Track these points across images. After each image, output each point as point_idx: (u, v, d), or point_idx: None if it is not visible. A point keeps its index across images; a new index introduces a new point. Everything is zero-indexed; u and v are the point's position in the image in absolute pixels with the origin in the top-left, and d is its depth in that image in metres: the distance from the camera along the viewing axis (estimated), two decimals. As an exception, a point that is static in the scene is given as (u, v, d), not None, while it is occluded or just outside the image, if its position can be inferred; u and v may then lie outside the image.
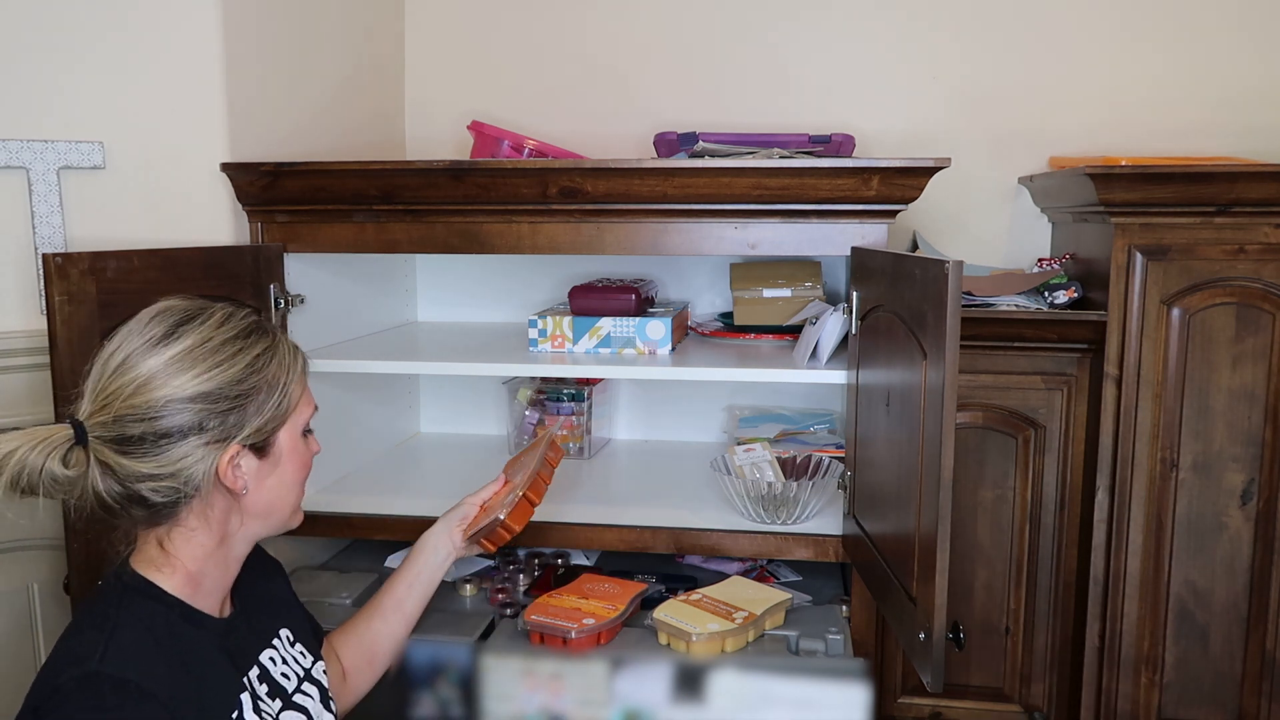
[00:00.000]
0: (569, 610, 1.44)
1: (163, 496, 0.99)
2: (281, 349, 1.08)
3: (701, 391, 2.18)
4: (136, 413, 0.97)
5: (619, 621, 1.44)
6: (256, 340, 1.05)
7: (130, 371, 0.98)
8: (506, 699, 1.09)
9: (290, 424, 1.08)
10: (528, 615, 1.44)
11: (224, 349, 1.01)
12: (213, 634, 1.03)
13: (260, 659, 1.10)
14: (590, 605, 1.46)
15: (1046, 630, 1.88)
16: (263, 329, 1.08)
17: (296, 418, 1.09)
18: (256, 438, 1.04)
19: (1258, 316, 1.68)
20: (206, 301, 1.07)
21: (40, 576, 1.54)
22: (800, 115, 2.15)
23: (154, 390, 0.97)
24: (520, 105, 2.23)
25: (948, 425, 1.13)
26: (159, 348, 0.99)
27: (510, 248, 1.63)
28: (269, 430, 1.05)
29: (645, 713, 0.99)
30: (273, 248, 1.64)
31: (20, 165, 1.53)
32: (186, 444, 0.98)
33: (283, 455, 1.08)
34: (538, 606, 1.46)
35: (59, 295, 1.24)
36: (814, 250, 1.57)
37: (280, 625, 1.17)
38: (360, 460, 1.99)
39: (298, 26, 1.82)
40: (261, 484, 1.06)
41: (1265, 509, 1.72)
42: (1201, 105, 2.05)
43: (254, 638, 1.11)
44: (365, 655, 1.33)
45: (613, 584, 1.54)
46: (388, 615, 1.35)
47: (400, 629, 1.34)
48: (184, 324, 1.02)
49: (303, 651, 1.18)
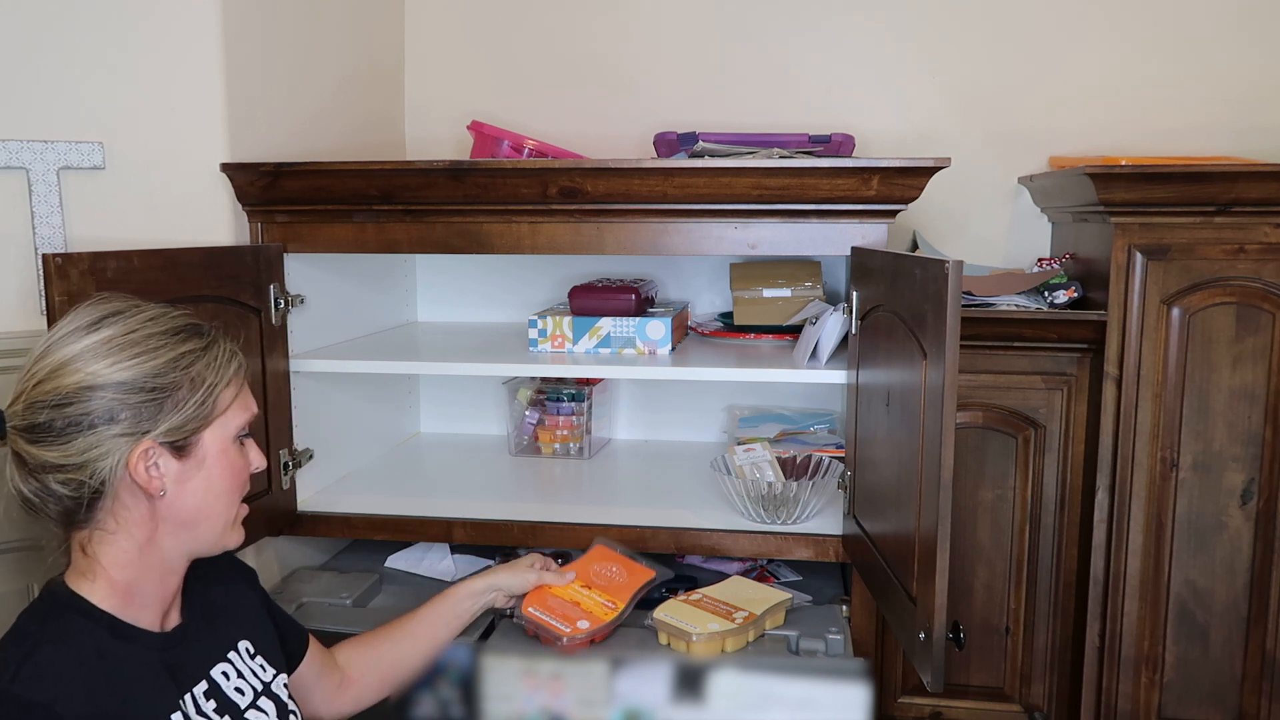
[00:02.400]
0: (568, 605, 1.43)
1: (70, 490, 0.95)
2: (215, 351, 1.03)
3: (701, 391, 2.18)
4: (47, 398, 0.94)
5: (614, 625, 1.43)
6: (186, 338, 1.01)
7: (48, 357, 0.96)
8: (506, 699, 1.09)
9: (217, 427, 1.02)
10: (525, 606, 1.42)
11: (147, 341, 0.98)
12: (147, 649, 0.99)
13: (211, 673, 1.06)
14: (590, 600, 1.44)
15: (1046, 630, 1.88)
16: (198, 330, 1.04)
17: (225, 421, 1.03)
18: (174, 436, 0.99)
19: (1258, 316, 1.68)
20: (144, 302, 1.03)
21: (40, 576, 1.54)
22: (800, 115, 2.15)
23: (67, 375, 0.95)
24: (520, 105, 2.23)
25: (948, 425, 1.13)
26: (80, 335, 0.97)
27: (510, 248, 1.63)
28: (189, 430, 1.00)
29: (645, 713, 0.99)
30: (273, 248, 1.64)
31: (20, 165, 1.53)
32: (95, 434, 0.95)
33: (207, 459, 1.02)
34: (536, 597, 1.44)
35: (59, 295, 1.23)
36: (814, 250, 1.57)
37: (240, 637, 1.13)
38: (360, 460, 1.99)
39: (298, 27, 1.82)
40: (183, 488, 1.00)
41: (1265, 509, 1.72)
42: (1201, 105, 2.05)
43: (205, 651, 1.07)
44: (380, 674, 1.31)
45: (620, 568, 1.51)
46: (418, 642, 1.34)
47: (425, 659, 1.31)
48: (111, 316, 0.99)
49: (264, 664, 1.14)
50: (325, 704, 1.28)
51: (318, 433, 1.79)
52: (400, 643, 1.34)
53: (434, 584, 1.76)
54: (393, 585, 1.76)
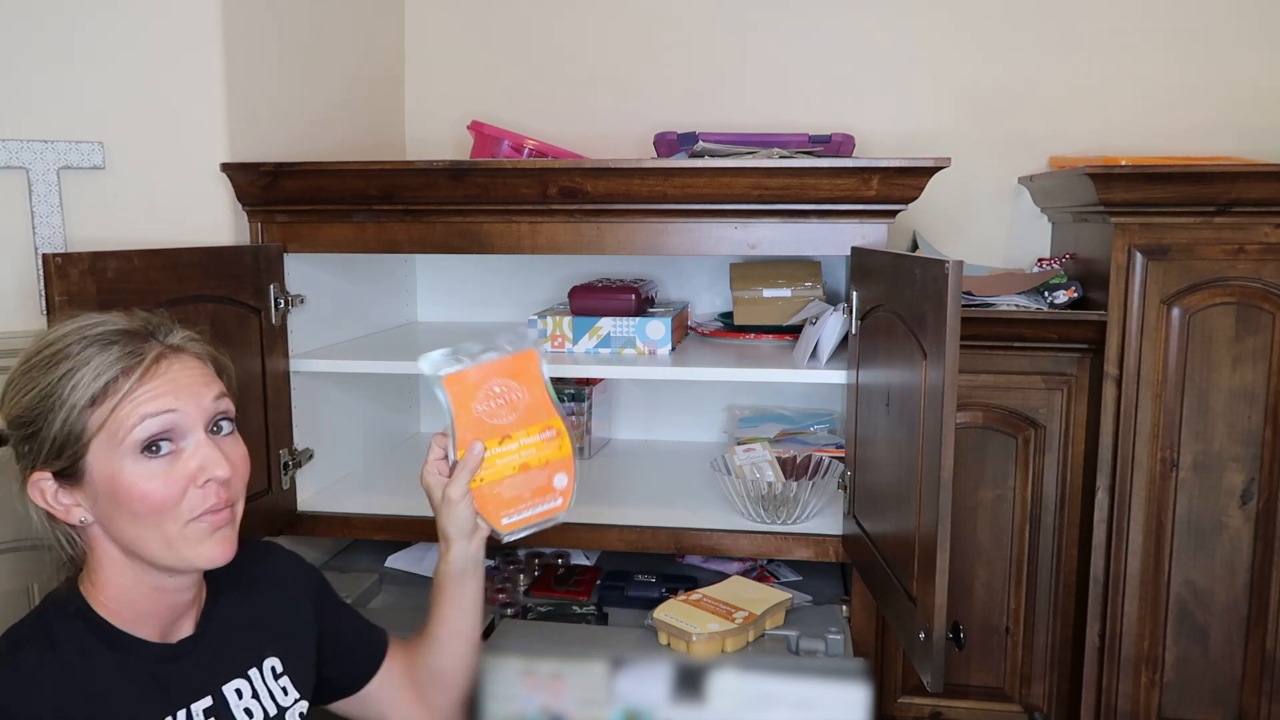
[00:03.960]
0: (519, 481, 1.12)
1: (35, 514, 0.98)
2: (89, 368, 0.93)
3: (701, 391, 2.18)
4: None
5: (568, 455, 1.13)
6: (60, 362, 0.94)
7: None
8: (506, 699, 1.09)
9: (98, 449, 0.93)
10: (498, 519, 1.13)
11: (27, 375, 0.96)
12: (139, 659, 0.97)
13: (224, 689, 1.02)
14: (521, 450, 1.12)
15: (1046, 630, 1.88)
16: (84, 345, 0.94)
17: (107, 440, 0.93)
18: (57, 465, 0.94)
19: (1258, 316, 1.68)
20: (72, 314, 1.00)
21: (40, 576, 1.54)
22: (800, 115, 2.15)
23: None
24: (520, 105, 2.23)
25: (948, 425, 1.13)
26: None
27: (510, 248, 1.63)
28: (69, 456, 0.93)
29: (645, 713, 0.99)
30: (273, 248, 1.64)
31: (20, 165, 1.53)
32: (18, 467, 0.97)
33: (99, 482, 0.93)
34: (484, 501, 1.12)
35: (59, 295, 1.23)
36: (814, 250, 1.57)
37: (268, 654, 1.08)
38: (360, 460, 1.99)
39: (298, 27, 1.82)
40: (102, 513, 0.95)
41: (1265, 509, 1.72)
42: (1201, 106, 2.05)
43: (218, 665, 1.03)
44: (437, 685, 1.20)
45: (505, 384, 1.12)
46: (451, 645, 1.20)
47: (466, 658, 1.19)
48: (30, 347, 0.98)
49: (287, 687, 1.08)
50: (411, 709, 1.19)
51: (318, 433, 1.79)
52: (433, 649, 1.21)
53: (434, 584, 1.76)
54: (393, 585, 1.76)
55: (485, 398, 1.10)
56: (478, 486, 1.11)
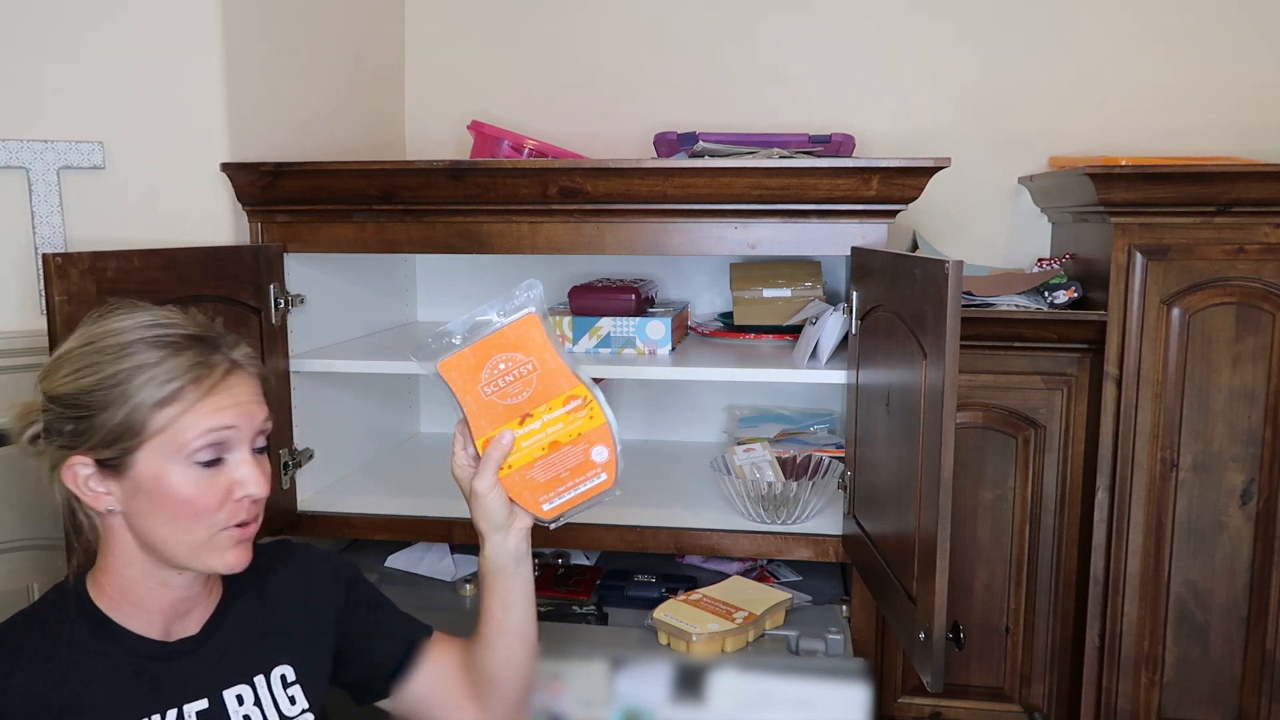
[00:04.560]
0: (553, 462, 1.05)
1: (60, 495, 0.98)
2: (166, 366, 0.94)
3: (701, 391, 2.18)
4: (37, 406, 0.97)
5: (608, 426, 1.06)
6: (137, 352, 0.94)
7: None
8: (507, 699, 1.08)
9: (154, 449, 0.93)
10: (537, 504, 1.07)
11: (92, 355, 0.95)
12: (130, 653, 0.97)
13: (224, 693, 1.01)
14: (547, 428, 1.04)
15: (1046, 630, 1.88)
16: (160, 343, 0.95)
17: (165, 442, 0.93)
18: (104, 454, 0.94)
19: (1258, 316, 1.68)
20: (134, 308, 0.99)
21: (40, 576, 1.54)
22: (800, 115, 2.15)
23: (41, 383, 0.97)
24: (520, 105, 2.23)
25: (948, 425, 1.13)
26: (61, 345, 0.98)
27: (510, 248, 1.63)
28: (121, 449, 0.93)
29: (645, 713, 0.99)
30: (273, 248, 1.64)
31: (20, 165, 1.53)
32: (49, 444, 0.96)
33: (146, 482, 0.94)
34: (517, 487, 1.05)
35: (59, 295, 1.23)
36: (814, 250, 1.57)
37: (281, 661, 1.06)
38: (360, 460, 1.99)
39: (298, 26, 1.82)
40: (133, 508, 0.95)
41: (1265, 509, 1.72)
42: (1201, 106, 2.05)
43: (221, 668, 1.02)
44: (493, 683, 1.13)
45: (514, 357, 1.06)
46: (500, 643, 1.13)
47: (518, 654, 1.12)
48: (87, 324, 0.98)
49: (295, 696, 1.06)
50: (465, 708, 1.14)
51: (318, 433, 1.79)
52: (483, 650, 1.14)
53: (434, 584, 1.76)
54: (393, 585, 1.76)
55: (490, 378, 1.01)
56: (507, 474, 1.03)
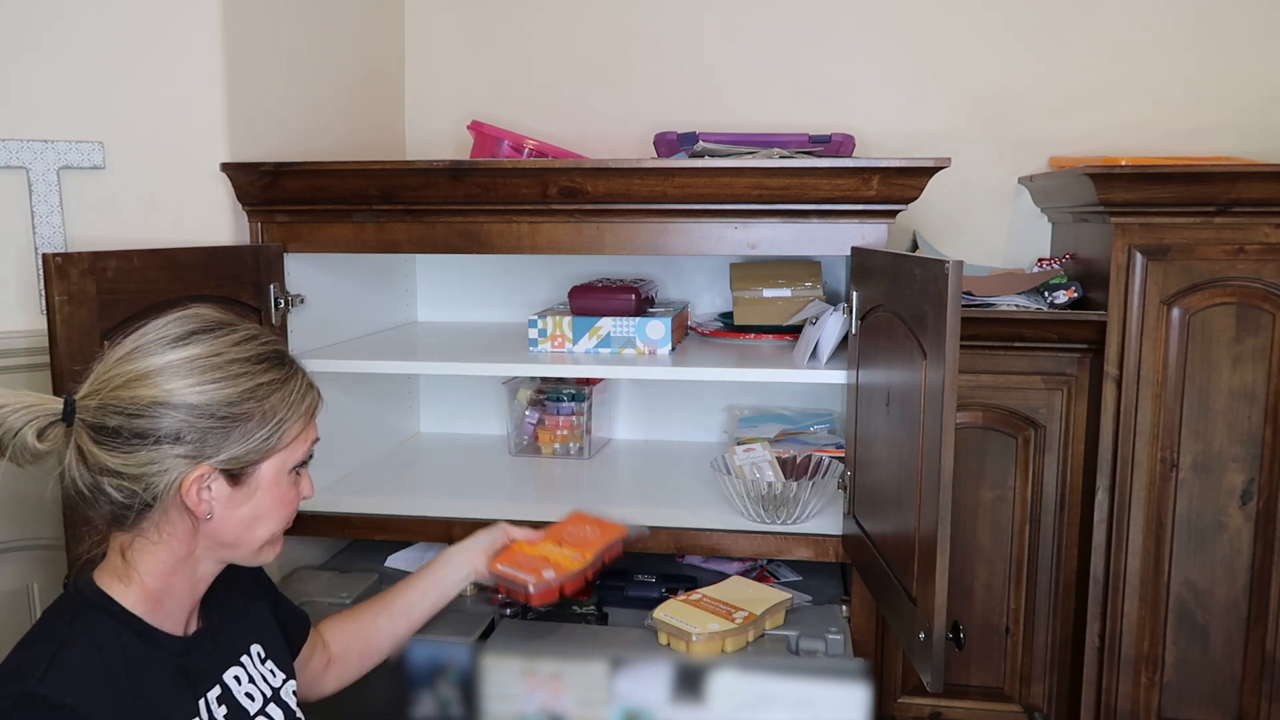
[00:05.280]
0: (535, 559, 1.38)
1: (123, 497, 0.96)
2: (292, 385, 1.04)
3: (701, 391, 2.18)
4: (120, 405, 0.95)
5: (582, 574, 1.38)
6: (268, 369, 1.02)
7: (131, 363, 0.97)
8: (506, 699, 1.10)
9: (277, 460, 1.03)
10: (493, 564, 1.38)
11: (229, 367, 0.98)
12: (169, 654, 1.00)
13: (224, 677, 1.07)
14: (559, 554, 1.39)
15: (1046, 630, 1.88)
16: (281, 360, 1.04)
17: (286, 454, 1.04)
18: (233, 464, 0.99)
19: (1258, 316, 1.68)
20: (237, 319, 1.04)
21: (40, 576, 1.54)
22: (800, 115, 2.15)
23: (146, 387, 0.95)
24: (520, 105, 2.23)
25: (948, 425, 1.13)
26: (167, 348, 0.98)
27: (510, 248, 1.63)
28: (249, 460, 1.00)
29: (645, 713, 0.99)
30: (273, 248, 1.64)
31: (20, 165, 1.53)
32: (159, 450, 0.95)
33: (260, 489, 1.03)
34: (505, 555, 1.39)
35: (59, 295, 1.24)
36: (814, 250, 1.57)
37: (252, 641, 1.14)
38: (360, 460, 1.99)
39: (298, 26, 1.82)
40: (231, 513, 1.01)
41: (1265, 509, 1.72)
42: (1201, 105, 2.05)
43: (220, 655, 1.08)
44: (359, 648, 1.32)
45: (594, 528, 1.47)
46: (395, 616, 1.34)
47: (403, 632, 1.33)
48: (201, 332, 1.00)
49: (273, 669, 1.14)
50: (311, 685, 1.28)
51: (319, 429, 1.78)
52: (378, 616, 1.34)
53: (434, 584, 1.76)
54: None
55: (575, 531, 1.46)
56: (516, 545, 1.41)
